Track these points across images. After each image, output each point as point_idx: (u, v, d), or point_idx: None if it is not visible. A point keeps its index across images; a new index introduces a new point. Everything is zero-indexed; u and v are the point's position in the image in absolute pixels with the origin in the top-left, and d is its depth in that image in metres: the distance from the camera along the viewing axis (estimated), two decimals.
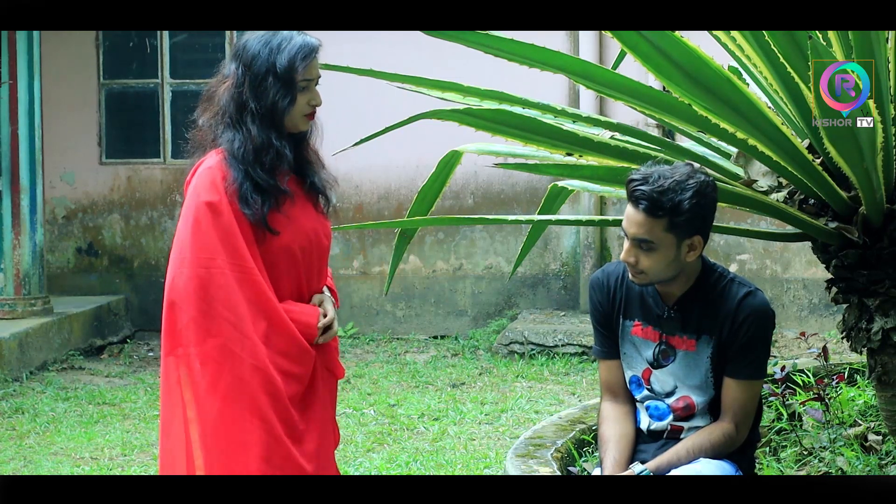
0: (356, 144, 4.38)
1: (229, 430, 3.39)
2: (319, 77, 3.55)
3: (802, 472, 4.54)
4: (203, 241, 3.41)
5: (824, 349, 5.30)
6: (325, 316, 3.58)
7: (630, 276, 3.58)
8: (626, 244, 3.53)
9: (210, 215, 3.42)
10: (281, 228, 3.49)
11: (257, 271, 3.43)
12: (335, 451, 3.69)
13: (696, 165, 3.64)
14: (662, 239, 3.48)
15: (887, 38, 3.74)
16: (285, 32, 3.50)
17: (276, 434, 3.41)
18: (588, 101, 9.09)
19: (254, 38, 3.50)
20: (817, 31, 3.71)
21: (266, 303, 3.44)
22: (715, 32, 4.09)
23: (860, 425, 4.80)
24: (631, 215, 3.50)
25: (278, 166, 3.49)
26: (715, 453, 3.58)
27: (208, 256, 3.40)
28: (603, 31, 5.14)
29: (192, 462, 3.42)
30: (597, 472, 3.75)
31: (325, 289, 3.67)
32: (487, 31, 3.76)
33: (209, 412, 3.39)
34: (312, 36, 3.53)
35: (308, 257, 3.57)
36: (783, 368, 4.98)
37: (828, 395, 4.98)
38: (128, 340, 9.54)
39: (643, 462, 3.58)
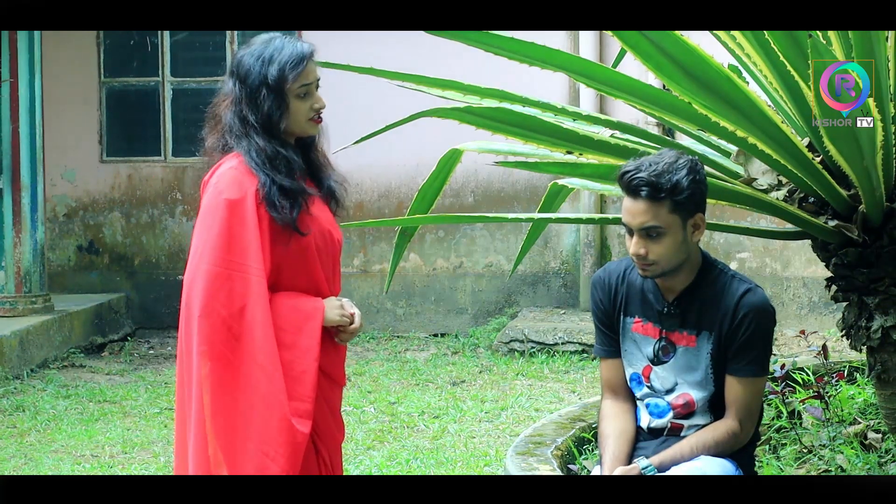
0: (356, 142, 4.39)
1: (237, 431, 3.40)
2: (318, 80, 3.56)
3: (802, 471, 4.54)
4: (222, 239, 3.41)
5: (824, 347, 5.30)
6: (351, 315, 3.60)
7: (640, 270, 3.58)
8: (633, 238, 3.52)
9: (231, 213, 3.42)
10: (307, 229, 3.50)
11: (265, 276, 3.43)
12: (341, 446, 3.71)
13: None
14: (669, 222, 3.49)
15: (887, 38, 3.75)
16: (277, 42, 3.51)
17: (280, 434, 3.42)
18: (588, 99, 9.09)
19: (248, 53, 3.52)
20: (817, 31, 3.72)
21: (271, 308, 3.45)
22: (715, 31, 4.09)
23: (860, 423, 4.79)
24: (632, 207, 3.50)
25: (292, 171, 3.51)
26: (719, 451, 3.58)
27: (227, 256, 3.40)
28: (603, 31, 5.14)
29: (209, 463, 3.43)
30: (597, 469, 3.76)
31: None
32: (488, 30, 3.77)
33: (222, 416, 3.40)
34: (305, 40, 3.54)
35: (323, 256, 3.58)
36: (783, 366, 4.98)
37: (827, 393, 4.98)
38: (128, 338, 9.54)
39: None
